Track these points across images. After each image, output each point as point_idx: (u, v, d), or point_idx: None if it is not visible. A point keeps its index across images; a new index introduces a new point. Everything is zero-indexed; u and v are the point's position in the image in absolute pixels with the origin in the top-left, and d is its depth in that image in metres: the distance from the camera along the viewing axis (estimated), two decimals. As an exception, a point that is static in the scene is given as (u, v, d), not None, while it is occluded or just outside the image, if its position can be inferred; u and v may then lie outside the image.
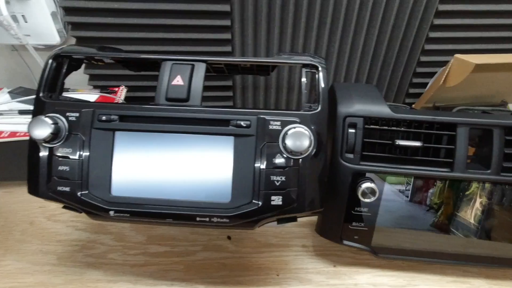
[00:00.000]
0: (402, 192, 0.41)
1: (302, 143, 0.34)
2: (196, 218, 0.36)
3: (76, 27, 0.60)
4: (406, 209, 0.42)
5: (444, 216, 0.42)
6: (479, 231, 0.42)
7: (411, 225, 0.42)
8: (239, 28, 0.61)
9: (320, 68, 0.39)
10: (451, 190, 0.41)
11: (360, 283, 0.45)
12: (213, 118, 0.37)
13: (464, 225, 0.42)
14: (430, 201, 0.41)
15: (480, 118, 0.40)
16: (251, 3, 0.58)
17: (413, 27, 0.64)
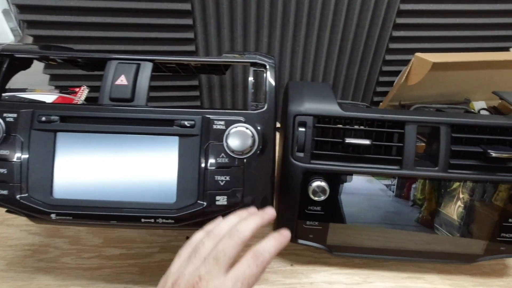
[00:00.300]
0: (388, 187, 0.41)
1: (243, 142, 0.34)
2: (141, 220, 0.36)
3: (32, 26, 0.58)
4: (392, 204, 0.42)
5: (428, 212, 0.42)
6: (461, 227, 0.42)
7: (381, 222, 0.42)
8: (202, 27, 0.61)
9: (268, 66, 0.39)
10: (433, 186, 0.41)
11: (316, 282, 0.45)
12: (157, 118, 0.36)
13: (447, 221, 0.42)
14: (414, 197, 0.42)
15: (427, 116, 0.40)
16: (212, 1, 0.58)
17: (377, 26, 0.64)
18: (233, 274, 0.26)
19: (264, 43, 0.64)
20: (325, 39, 0.65)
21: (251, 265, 0.27)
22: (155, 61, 0.39)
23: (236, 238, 0.28)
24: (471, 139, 0.41)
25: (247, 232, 0.29)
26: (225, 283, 0.26)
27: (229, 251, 0.27)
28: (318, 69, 0.69)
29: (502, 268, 0.48)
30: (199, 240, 0.29)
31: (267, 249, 0.28)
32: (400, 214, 0.42)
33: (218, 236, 0.29)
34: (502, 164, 0.40)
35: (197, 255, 0.27)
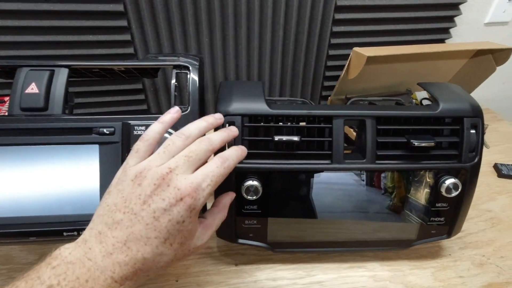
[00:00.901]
0: (358, 176, 0.42)
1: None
2: (63, 233, 0.34)
3: None
4: (364, 193, 0.43)
5: (398, 199, 0.43)
6: (430, 212, 0.44)
7: (318, 215, 0.43)
8: (138, 29, 0.59)
9: (191, 68, 0.38)
10: (401, 174, 0.42)
11: (260, 279, 0.45)
12: (74, 127, 0.35)
13: (417, 206, 0.44)
14: (384, 185, 0.42)
15: (353, 109, 0.41)
16: (145, 2, 0.56)
17: (316, 22, 0.65)
18: (203, 171, 0.27)
19: (206, 43, 0.63)
20: (267, 37, 0.65)
21: (219, 166, 0.28)
22: (72, 66, 0.37)
23: (208, 144, 0.29)
24: (397, 130, 0.42)
25: (217, 142, 0.30)
26: (195, 177, 0.26)
27: (200, 153, 0.28)
28: (263, 67, 0.69)
29: (437, 250, 0.50)
30: (169, 138, 0.29)
31: (231, 156, 0.30)
32: (361, 202, 0.43)
33: (188, 138, 0.29)
34: (426, 152, 0.42)
35: (167, 152, 0.27)
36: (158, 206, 0.24)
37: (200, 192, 0.26)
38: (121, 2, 0.56)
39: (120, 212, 0.25)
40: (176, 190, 0.25)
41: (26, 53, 0.57)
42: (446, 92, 0.44)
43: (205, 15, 0.60)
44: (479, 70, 0.70)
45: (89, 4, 0.55)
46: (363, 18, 0.67)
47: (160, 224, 0.24)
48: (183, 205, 0.25)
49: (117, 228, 0.24)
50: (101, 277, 0.23)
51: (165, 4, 0.57)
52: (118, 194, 0.26)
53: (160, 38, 0.61)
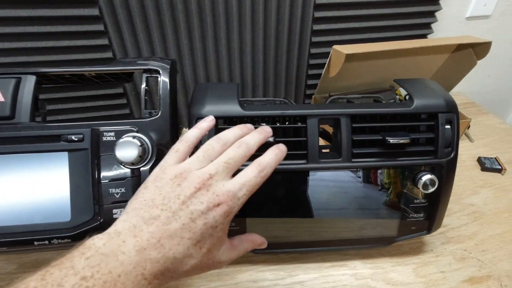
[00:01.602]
0: (355, 173, 0.42)
1: (130, 153, 0.33)
2: (34, 243, 0.34)
3: None
4: (331, 191, 0.43)
5: (395, 194, 0.43)
6: (409, 208, 0.44)
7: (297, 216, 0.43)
8: (116, 33, 0.59)
9: (162, 72, 0.38)
10: (396, 170, 0.42)
11: (241, 281, 0.45)
12: (42, 135, 0.34)
13: (413, 201, 0.44)
14: (380, 181, 0.42)
15: (328, 108, 0.41)
16: (121, 6, 0.56)
17: (296, 21, 0.65)
18: (240, 179, 0.28)
19: (185, 45, 0.63)
20: (247, 37, 0.65)
21: (256, 176, 0.28)
22: (40, 73, 0.37)
23: (245, 149, 0.30)
24: (374, 127, 0.42)
25: (254, 146, 0.31)
26: (233, 185, 0.27)
27: (239, 159, 0.29)
28: (245, 68, 0.69)
29: (419, 246, 0.50)
30: (208, 143, 0.30)
31: (269, 163, 0.30)
32: (341, 200, 0.43)
33: (225, 143, 0.30)
34: (402, 149, 0.42)
35: (206, 156, 0.28)
36: (196, 208, 0.25)
37: (235, 201, 0.27)
38: (96, 6, 0.55)
39: (158, 208, 0.25)
40: (214, 196, 0.26)
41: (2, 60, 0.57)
42: (421, 88, 0.44)
43: (183, 16, 0.59)
44: (461, 64, 0.70)
45: (63, 9, 0.54)
46: (344, 16, 0.67)
47: (196, 225, 0.25)
48: (219, 210, 0.26)
49: (153, 223, 0.24)
50: (133, 273, 0.22)
51: (141, 7, 0.57)
52: (156, 190, 0.26)
53: (139, 41, 0.61)
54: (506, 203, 0.58)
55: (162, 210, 0.25)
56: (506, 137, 0.75)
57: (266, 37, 0.66)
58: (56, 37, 0.57)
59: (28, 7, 0.53)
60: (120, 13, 0.56)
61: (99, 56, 0.60)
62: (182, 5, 0.58)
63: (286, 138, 0.41)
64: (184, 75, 0.67)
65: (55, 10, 0.54)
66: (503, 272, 0.46)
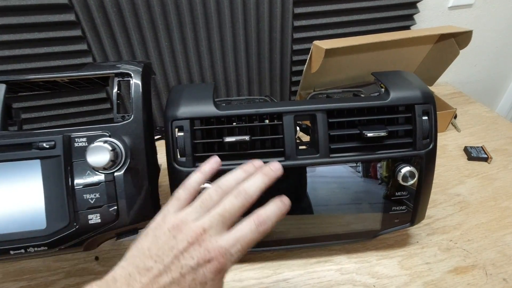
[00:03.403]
0: (354, 168, 0.42)
1: (101, 158, 0.33)
2: (10, 252, 0.34)
3: None
4: (361, 185, 0.43)
5: (394, 187, 0.43)
6: (390, 201, 0.44)
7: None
8: (94, 37, 0.58)
9: (133, 75, 0.37)
10: (394, 164, 0.42)
11: (226, 281, 0.44)
12: (13, 143, 0.34)
13: (394, 194, 0.43)
14: (380, 175, 0.42)
15: (303, 104, 0.41)
16: (97, 10, 0.55)
17: (276, 18, 0.65)
18: (235, 234, 0.26)
19: (165, 47, 0.62)
20: (228, 37, 0.64)
21: (253, 231, 0.27)
22: (10, 81, 0.36)
23: (243, 199, 0.28)
24: (351, 122, 0.42)
25: (255, 194, 0.29)
26: (226, 241, 0.26)
27: (235, 211, 0.27)
28: (228, 67, 0.69)
29: (405, 238, 0.50)
30: (207, 192, 0.29)
31: (270, 218, 0.28)
32: (323, 197, 0.43)
33: (225, 191, 0.29)
34: (380, 142, 0.42)
35: (203, 206, 0.28)
36: (187, 263, 0.25)
37: (228, 257, 0.26)
38: (72, 11, 0.55)
39: (152, 259, 0.25)
40: (206, 252, 0.25)
41: (-20, 70, 0.57)
42: (397, 81, 0.44)
43: (162, 19, 0.59)
44: (444, 54, 0.70)
45: (39, 15, 0.54)
46: (324, 11, 0.67)
47: (185, 281, 0.25)
48: (209, 267, 0.25)
49: (146, 275, 0.25)
50: None
51: (118, 11, 0.57)
52: (154, 239, 0.26)
53: (118, 45, 0.60)
54: (492, 191, 0.58)
55: (156, 262, 0.25)
56: (492, 126, 0.75)
57: (247, 35, 0.66)
58: (34, 44, 0.57)
59: (2, 15, 0.53)
60: (97, 17, 0.56)
61: (80, 62, 0.60)
62: (160, 7, 0.58)
63: (263, 136, 0.41)
64: (166, 76, 0.67)
65: (30, 17, 0.54)
66: (488, 260, 0.46)
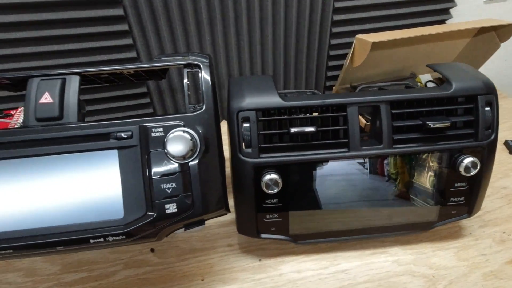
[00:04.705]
0: (362, 165, 0.42)
1: (183, 147, 0.33)
2: (90, 241, 0.34)
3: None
4: (368, 182, 0.43)
5: (402, 184, 0.43)
6: (435, 194, 0.44)
7: (337, 205, 0.43)
8: (140, 32, 0.59)
9: (202, 66, 0.38)
10: (404, 159, 0.42)
11: (285, 272, 0.45)
12: (91, 134, 0.34)
13: (422, 190, 0.44)
14: (387, 172, 0.42)
15: (367, 96, 0.41)
16: (145, 4, 0.56)
17: (317, 12, 0.65)
18: None
19: (208, 41, 0.63)
20: (268, 31, 0.65)
21: None
22: (82, 73, 0.37)
23: None
24: (411, 113, 0.42)
25: None
26: None
27: None
28: (266, 62, 0.69)
29: (457, 230, 0.50)
30: None
31: None
32: (378, 190, 0.43)
33: None
34: (441, 133, 0.42)
35: None
36: None
37: None
38: (120, 6, 0.55)
39: None
40: None
41: (28, 64, 0.57)
42: (457, 72, 0.44)
43: (206, 12, 0.59)
44: (483, 48, 0.70)
45: (88, 10, 0.54)
46: (363, 5, 0.67)
47: None
48: None
49: None
50: None
51: (164, 5, 0.57)
52: None
53: (162, 39, 0.61)
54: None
55: None
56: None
57: (286, 29, 0.66)
58: (82, 39, 0.57)
59: (54, 10, 0.53)
60: (144, 11, 0.56)
61: (124, 56, 0.60)
62: (205, 1, 0.58)
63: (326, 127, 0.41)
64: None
65: (80, 12, 0.54)
66: (544, 252, 0.46)
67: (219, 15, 0.60)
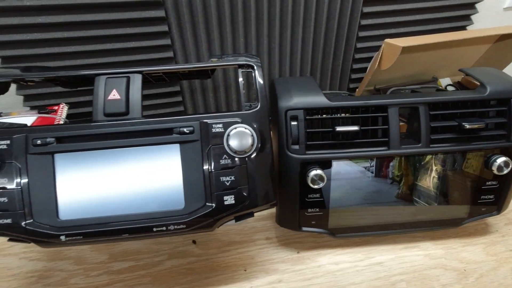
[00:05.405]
0: (367, 169, 0.44)
1: (245, 142, 0.35)
2: (153, 229, 0.36)
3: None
4: (372, 184, 0.45)
5: (406, 186, 0.45)
6: (438, 196, 0.46)
7: (372, 201, 0.45)
8: (178, 33, 0.61)
9: (255, 67, 0.40)
10: (408, 162, 0.44)
11: (323, 264, 0.48)
12: (156, 129, 0.37)
13: (424, 192, 0.46)
14: (392, 174, 0.45)
15: (407, 97, 0.44)
16: (185, 6, 0.58)
17: (346, 17, 0.67)
18: None
19: (241, 43, 0.65)
20: (299, 34, 0.67)
21: None
22: (144, 72, 0.39)
23: None
24: (446, 114, 0.45)
25: None
26: None
27: None
28: (295, 64, 0.71)
29: (484, 227, 0.53)
30: None
31: None
32: (381, 192, 0.45)
33: None
34: (475, 134, 0.44)
35: None
36: None
37: None
38: (162, 8, 0.58)
39: None
40: None
41: (71, 62, 0.59)
42: (490, 76, 0.47)
43: (242, 16, 0.62)
44: (503, 54, 0.73)
45: (132, 12, 0.56)
46: (389, 10, 0.69)
47: None
48: None
49: None
50: None
51: (203, 7, 0.59)
52: None
53: (198, 40, 0.63)
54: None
55: None
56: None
57: (316, 33, 0.68)
58: (123, 39, 0.59)
59: (100, 11, 0.55)
60: (184, 13, 0.59)
61: (161, 56, 0.63)
62: (242, 4, 0.60)
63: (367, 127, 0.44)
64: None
65: (124, 13, 0.56)
66: None
67: (254, 18, 0.63)
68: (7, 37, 0.55)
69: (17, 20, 0.53)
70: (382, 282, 0.45)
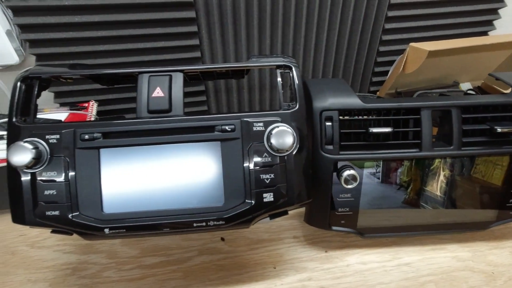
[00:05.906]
0: (373, 174, 0.45)
1: (286, 140, 0.36)
2: (193, 224, 0.37)
3: (34, 45, 0.57)
4: (379, 190, 0.45)
5: (414, 192, 0.46)
6: (445, 201, 0.47)
7: (387, 204, 0.46)
8: (206, 33, 0.62)
9: (293, 68, 0.41)
10: (417, 167, 0.45)
11: (351, 263, 0.48)
12: (198, 126, 0.38)
13: (431, 198, 0.46)
14: (399, 180, 0.45)
15: (439, 100, 0.44)
16: (216, 8, 0.59)
17: (370, 20, 0.68)
18: None
19: (267, 45, 0.66)
20: (323, 37, 0.68)
21: None
22: (185, 71, 0.40)
23: None
24: (477, 118, 0.45)
25: None
26: None
27: None
28: (317, 66, 0.72)
29: (510, 231, 0.53)
30: None
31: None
32: (388, 198, 0.46)
33: None
34: (507, 137, 0.45)
35: None
36: None
37: None
38: (193, 9, 0.59)
39: None
40: None
41: (103, 61, 0.61)
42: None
43: (269, 18, 0.63)
44: (525, 59, 0.73)
45: (164, 12, 0.58)
46: (413, 15, 0.70)
47: None
48: None
49: None
50: None
51: (233, 8, 0.60)
52: None
53: (226, 41, 0.64)
54: None
55: None
56: None
57: (340, 36, 0.69)
58: (153, 38, 0.61)
59: (134, 11, 0.57)
60: (214, 14, 0.60)
61: (189, 56, 0.64)
62: (270, 6, 0.61)
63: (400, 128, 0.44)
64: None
65: (156, 13, 0.58)
66: None
67: (280, 22, 0.64)
68: (44, 35, 0.56)
69: (54, 19, 0.55)
70: (410, 283, 0.45)
